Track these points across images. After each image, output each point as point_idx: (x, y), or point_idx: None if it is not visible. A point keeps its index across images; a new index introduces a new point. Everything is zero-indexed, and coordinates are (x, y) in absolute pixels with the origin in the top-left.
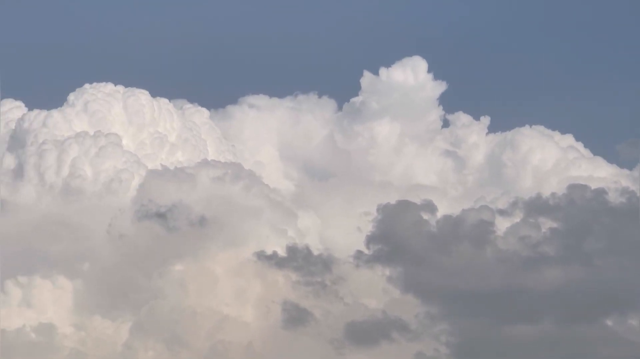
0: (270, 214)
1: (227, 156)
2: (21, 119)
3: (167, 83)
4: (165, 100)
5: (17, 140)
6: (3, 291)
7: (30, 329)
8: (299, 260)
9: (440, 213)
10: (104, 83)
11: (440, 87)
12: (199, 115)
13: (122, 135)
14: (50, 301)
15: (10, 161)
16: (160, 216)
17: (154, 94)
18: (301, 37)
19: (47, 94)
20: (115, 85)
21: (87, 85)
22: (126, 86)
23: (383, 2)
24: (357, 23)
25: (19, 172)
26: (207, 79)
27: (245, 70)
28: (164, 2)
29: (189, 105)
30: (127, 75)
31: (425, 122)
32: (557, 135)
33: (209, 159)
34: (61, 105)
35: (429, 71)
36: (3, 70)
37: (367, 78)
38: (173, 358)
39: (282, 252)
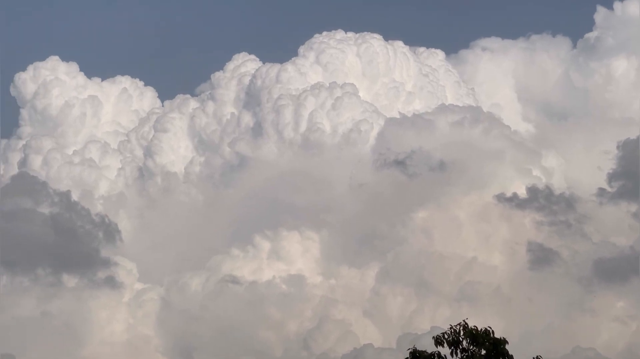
0: (513, 155)
1: (465, 100)
2: (254, 76)
3: (399, 28)
4: (400, 43)
5: (252, 97)
6: (252, 244)
7: (280, 280)
8: (540, 200)
9: None
10: (333, 31)
11: None
12: (434, 57)
13: (358, 85)
14: (299, 253)
15: (248, 118)
16: (400, 163)
17: (387, 38)
18: None
19: (278, 46)
20: (345, 32)
21: (317, 35)
22: (357, 32)
23: None
24: None
25: (257, 129)
26: (439, 24)
27: (476, 14)
28: None
29: (422, 49)
30: (357, 20)
31: None
32: None
33: (447, 104)
34: (292, 57)
35: None
36: (236, 24)
37: (601, 13)
38: (421, 302)
39: (522, 193)
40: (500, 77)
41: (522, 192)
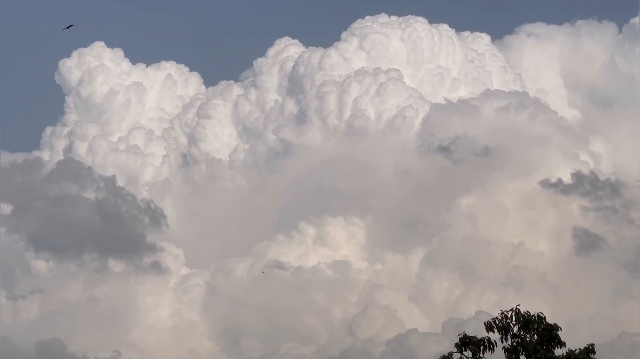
0: (560, 140)
1: (511, 85)
2: (296, 62)
3: (443, 11)
4: (445, 26)
5: (295, 84)
6: (297, 230)
7: (325, 266)
8: (585, 185)
9: None
10: (376, 15)
11: None
12: (479, 42)
13: (402, 71)
14: (344, 238)
15: (291, 106)
16: (444, 149)
17: (431, 21)
18: None
19: (320, 31)
20: (389, 16)
21: (359, 20)
22: (400, 16)
23: None
24: None
25: (301, 116)
26: (484, 11)
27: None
28: None
29: (466, 33)
30: (401, 3)
31: None
32: None
33: (493, 89)
34: (335, 42)
35: None
36: (279, 9)
37: None
38: (467, 288)
39: (566, 179)
40: (545, 62)
41: (567, 178)
